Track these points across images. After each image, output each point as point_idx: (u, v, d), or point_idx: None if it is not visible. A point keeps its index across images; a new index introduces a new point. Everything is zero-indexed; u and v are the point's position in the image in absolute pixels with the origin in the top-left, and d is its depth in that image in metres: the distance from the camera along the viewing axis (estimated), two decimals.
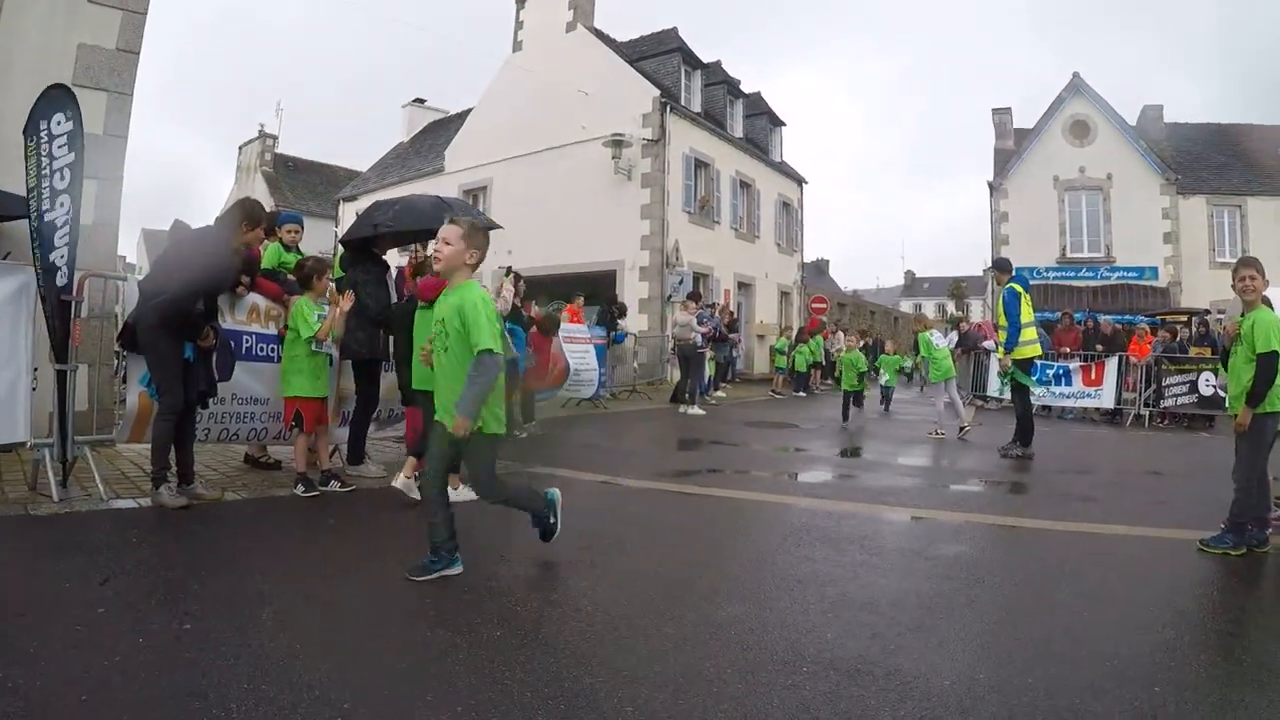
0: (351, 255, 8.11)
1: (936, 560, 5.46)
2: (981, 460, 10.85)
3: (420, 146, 39.65)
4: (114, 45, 9.21)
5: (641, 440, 12.20)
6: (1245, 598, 4.93)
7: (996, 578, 5.11)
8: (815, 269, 79.49)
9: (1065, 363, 18.68)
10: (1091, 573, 5.32)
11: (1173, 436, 15.29)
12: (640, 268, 26.31)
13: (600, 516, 6.74)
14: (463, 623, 3.91)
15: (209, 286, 6.31)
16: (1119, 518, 7.11)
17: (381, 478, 7.74)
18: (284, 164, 47.48)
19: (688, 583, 4.76)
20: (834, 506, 7.30)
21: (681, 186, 27.69)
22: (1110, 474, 10.23)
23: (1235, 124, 35.26)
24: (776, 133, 36.51)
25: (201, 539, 5.50)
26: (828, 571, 5.04)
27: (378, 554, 5.31)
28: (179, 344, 6.17)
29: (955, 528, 6.62)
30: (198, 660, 3.31)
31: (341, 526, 6.08)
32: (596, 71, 27.96)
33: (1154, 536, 6.44)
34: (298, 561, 4.98)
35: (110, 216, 9.15)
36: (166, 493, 6.12)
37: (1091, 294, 31.15)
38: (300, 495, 6.79)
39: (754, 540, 6.09)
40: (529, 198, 28.54)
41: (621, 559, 5.33)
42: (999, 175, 34.07)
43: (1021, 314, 11.03)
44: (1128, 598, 4.77)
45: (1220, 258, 30.80)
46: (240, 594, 4.19)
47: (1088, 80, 33.38)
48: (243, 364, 7.24)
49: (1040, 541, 6.33)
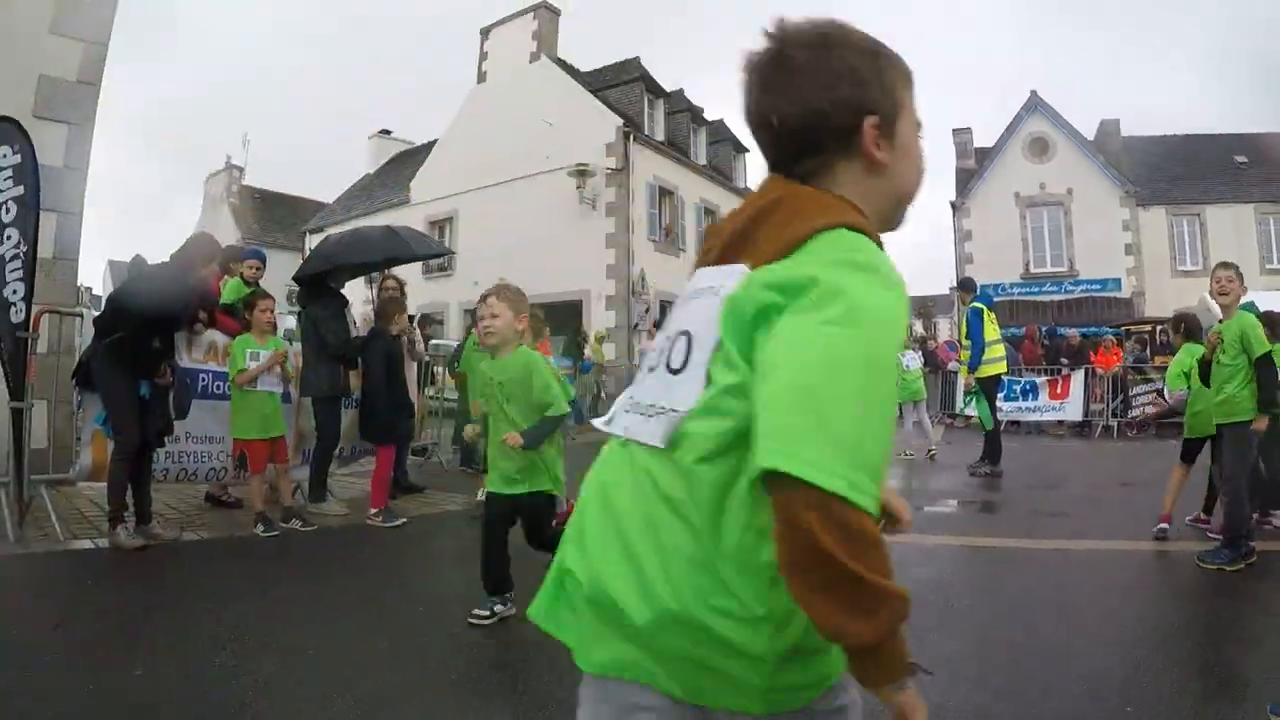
0: (307, 291, 8.07)
1: (907, 584, 5.47)
2: (951, 480, 10.88)
3: (386, 178, 39.49)
4: (74, 78, 9.08)
5: None
6: (1219, 611, 4.94)
7: (968, 600, 5.11)
8: None
9: (1032, 377, 18.83)
10: (1063, 591, 5.35)
11: (1142, 446, 15.37)
12: (606, 297, 26.28)
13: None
14: (418, 663, 3.89)
15: (165, 323, 6.27)
16: (1090, 533, 7.18)
17: (344, 516, 7.68)
18: (251, 196, 47.13)
19: None
20: None
21: (646, 215, 27.70)
22: (1080, 488, 10.29)
23: (1191, 134, 35.62)
24: (740, 159, 36.58)
25: (158, 581, 5.43)
26: None
27: (338, 595, 5.25)
28: (134, 382, 6.10)
29: (926, 551, 6.60)
30: (147, 708, 3.26)
31: (301, 567, 6.02)
32: (560, 101, 27.98)
33: (1125, 550, 6.50)
34: (255, 604, 4.90)
35: (70, 250, 9.00)
36: (123, 533, 6.02)
37: (1056, 308, 31.33)
38: (260, 535, 6.70)
39: None
40: (494, 228, 28.46)
41: None
42: (961, 194, 34.22)
43: (986, 332, 11.11)
44: (1100, 615, 4.80)
45: (1181, 266, 31.17)
46: (195, 638, 4.12)
47: (1045, 98, 33.76)
48: (200, 403, 7.17)
49: (1012, 561, 6.37)
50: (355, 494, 8.95)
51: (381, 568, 6.06)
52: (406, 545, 6.92)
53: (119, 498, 6.10)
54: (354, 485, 9.48)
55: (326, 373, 7.70)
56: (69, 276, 9.14)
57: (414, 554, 6.69)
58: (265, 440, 6.98)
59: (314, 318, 7.77)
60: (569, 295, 26.27)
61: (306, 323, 7.89)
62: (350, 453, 9.03)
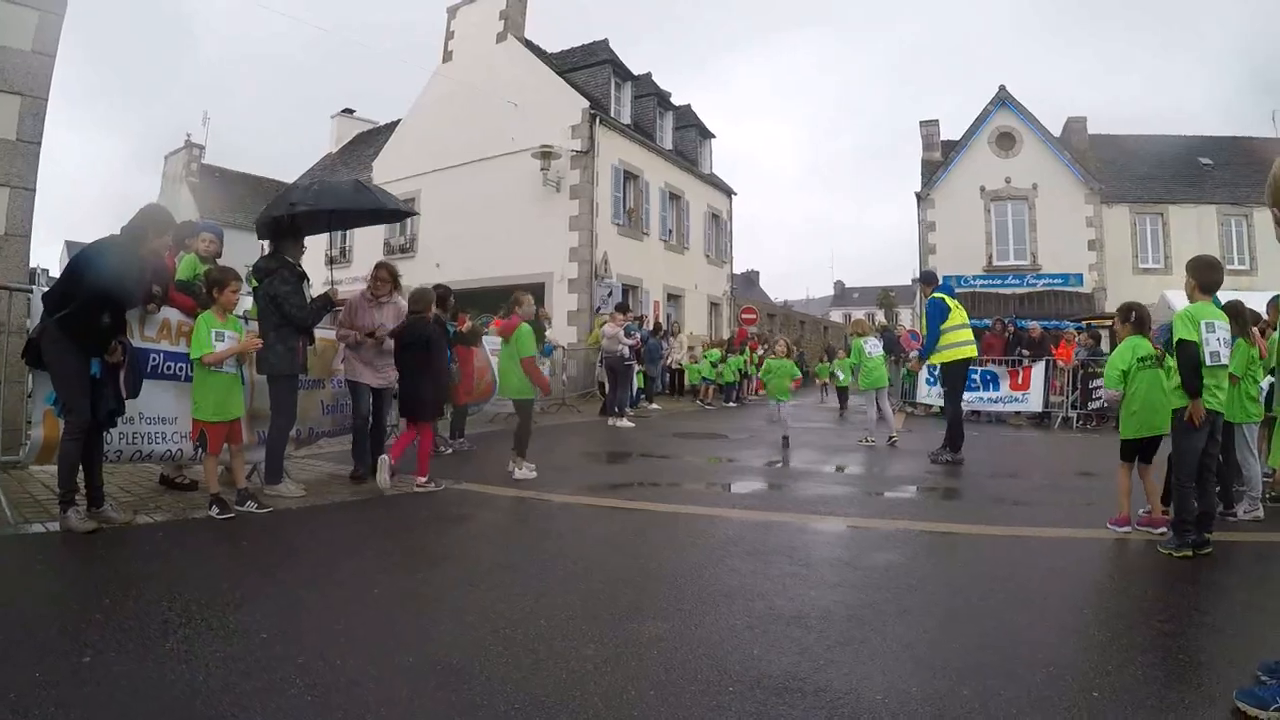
0: (265, 262, 7.91)
1: (867, 570, 5.41)
2: (912, 467, 10.87)
3: (349, 158, 39.21)
4: (29, 47, 8.79)
5: (570, 454, 11.97)
6: (1179, 596, 4.91)
7: (929, 586, 5.07)
8: (746, 280, 79.97)
9: (992, 367, 18.85)
10: (1024, 577, 5.32)
11: (1100, 438, 15.41)
12: (569, 280, 26.16)
13: (524, 534, 6.70)
14: (374, 647, 3.76)
15: (116, 298, 6.05)
16: (1050, 520, 7.17)
17: (301, 497, 7.53)
18: (210, 174, 46.57)
19: (611, 600, 4.64)
20: (762, 517, 7.23)
21: (610, 198, 27.61)
22: (1041, 477, 10.33)
23: (1157, 134, 36.16)
24: (706, 144, 36.65)
25: (109, 564, 5.25)
26: (754, 585, 4.94)
27: (289, 578, 5.12)
28: (85, 360, 5.89)
29: (886, 535, 6.58)
30: (95, 696, 3.14)
31: (254, 550, 5.85)
32: (526, 82, 27.84)
33: (1085, 538, 6.48)
34: (206, 587, 4.73)
35: (23, 226, 8.73)
36: (75, 516, 5.85)
37: (1018, 300, 31.74)
38: (215, 517, 6.53)
39: (680, 554, 5.94)
40: (457, 210, 28.36)
41: (544, 577, 5.16)
42: (926, 186, 34.58)
43: (952, 318, 11.20)
44: (1061, 601, 4.78)
45: (1143, 264, 31.94)
46: (146, 623, 3.98)
47: (1014, 93, 33.99)
48: (153, 382, 6.92)
49: (972, 547, 6.35)
50: (313, 475, 8.86)
51: (337, 550, 5.94)
52: (363, 527, 6.81)
53: (70, 479, 5.93)
54: (312, 467, 9.41)
55: (285, 351, 7.53)
56: (21, 254, 8.83)
57: (371, 535, 6.54)
58: (224, 422, 6.81)
59: (272, 294, 7.58)
60: (531, 277, 26.13)
61: (264, 300, 7.68)
62: (308, 434, 8.92)
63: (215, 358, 6.66)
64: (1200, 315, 5.83)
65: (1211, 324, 5.83)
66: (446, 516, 7.25)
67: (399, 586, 4.88)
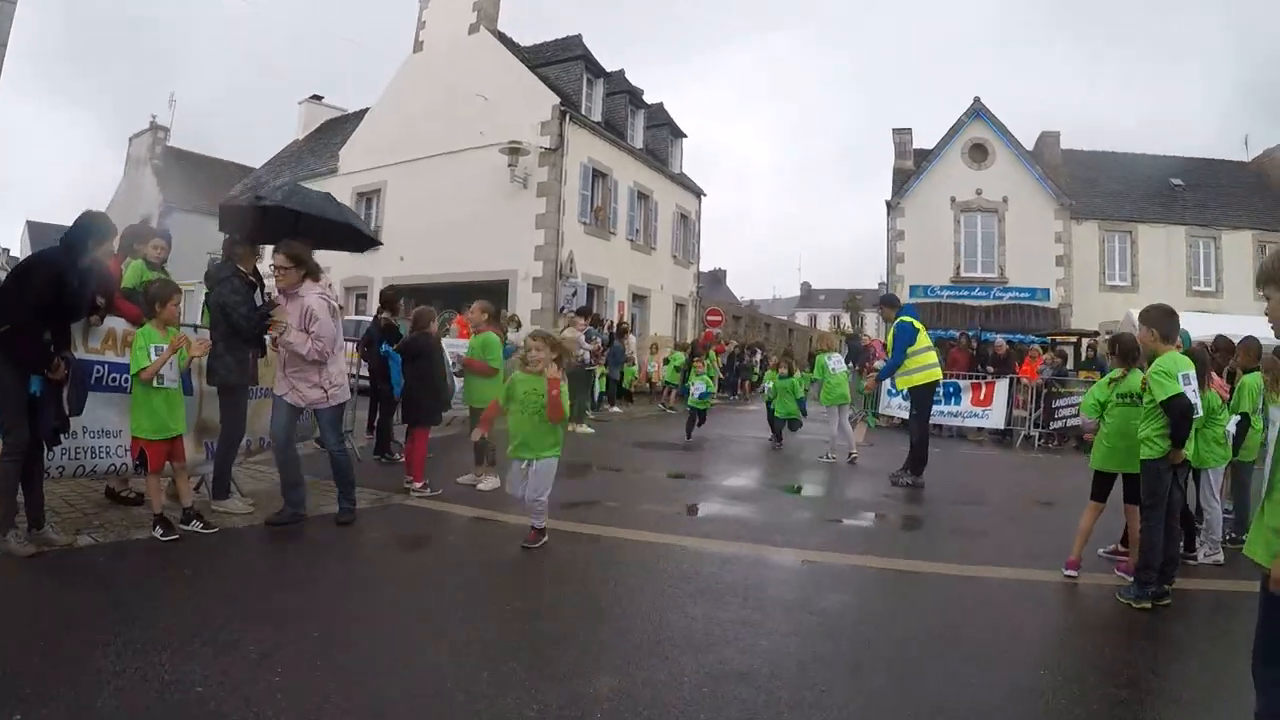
0: (216, 270, 7.65)
1: (820, 615, 5.31)
2: (872, 489, 10.76)
3: (315, 145, 38.71)
4: None
5: None
6: (1138, 654, 4.86)
7: (882, 636, 4.97)
8: (713, 278, 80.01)
9: (955, 380, 18.72)
10: (980, 628, 5.24)
11: (1061, 459, 15.42)
12: (533, 278, 25.92)
13: (475, 565, 6.51)
14: (309, 702, 3.61)
15: (56, 316, 5.84)
16: (1010, 557, 7.11)
17: (248, 514, 7.33)
18: (175, 157, 45.99)
19: (555, 646, 4.50)
20: (718, 548, 7.09)
21: (578, 196, 27.43)
22: (1001, 504, 10.29)
23: (1129, 153, 36.49)
24: (677, 144, 36.51)
25: (49, 594, 5.06)
26: (706, 632, 4.81)
27: (229, 614, 4.84)
28: (23, 378, 5.67)
29: (841, 573, 6.49)
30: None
31: (198, 576, 5.61)
32: (497, 76, 27.55)
33: (1044, 580, 6.41)
34: (145, 625, 4.50)
35: None
36: (14, 540, 5.65)
37: (984, 313, 31.83)
38: (159, 538, 6.29)
39: (634, 592, 5.78)
40: (423, 203, 28.13)
41: (493, 618, 5.01)
42: (897, 194, 34.69)
43: (919, 341, 11.13)
44: (1016, 657, 4.72)
45: (1110, 281, 32.22)
46: (81, 671, 3.80)
47: (990, 103, 34.05)
48: (98, 395, 6.65)
49: (928, 589, 6.21)
50: (261, 487, 8.65)
51: (278, 582, 5.76)
52: (307, 554, 6.58)
53: (9, 501, 5.74)
54: (263, 475, 9.17)
55: (235, 361, 7.29)
56: None
57: (314, 564, 6.31)
58: (165, 440, 6.56)
59: (220, 302, 7.34)
60: (495, 275, 25.97)
61: (213, 308, 7.46)
62: (259, 444, 8.69)
63: (150, 372, 6.35)
64: (1176, 367, 5.78)
65: (1187, 375, 5.79)
66: (397, 541, 7.08)
67: (339, 631, 4.66)
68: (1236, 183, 34.57)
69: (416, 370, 9.24)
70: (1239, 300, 30.16)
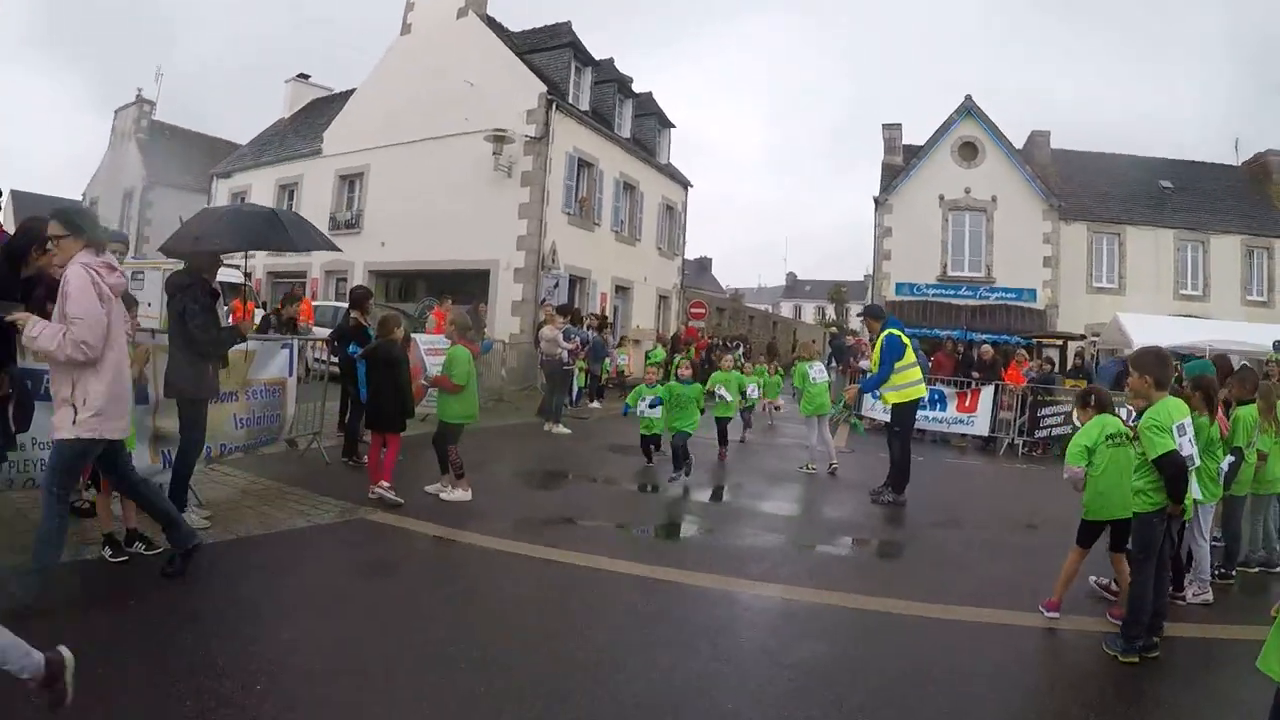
0: (177, 279, 7.24)
1: (793, 668, 5.04)
2: (852, 507, 10.55)
3: (300, 125, 38.19)
4: None
5: (500, 472, 11.32)
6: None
7: (858, 696, 4.67)
8: (698, 266, 79.89)
9: (940, 386, 18.52)
10: (961, 682, 5.00)
11: (1045, 469, 15.24)
12: (515, 269, 25.58)
13: (433, 599, 6.11)
14: None
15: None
16: (991, 595, 6.86)
17: (205, 528, 7.02)
18: (160, 132, 45.52)
19: (512, 705, 4.23)
20: (688, 579, 6.81)
21: (563, 186, 27.04)
22: (985, 527, 10.01)
23: (1118, 154, 36.42)
24: (665, 134, 36.11)
25: None
26: (671, 688, 4.58)
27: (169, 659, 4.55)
28: None
29: (816, 614, 6.27)
30: None
31: (141, 609, 5.34)
32: (484, 62, 27.14)
33: (1027, 626, 6.19)
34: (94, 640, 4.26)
35: None
36: None
37: (970, 313, 31.72)
38: (108, 559, 6.05)
39: (599, 635, 5.50)
40: (406, 189, 27.77)
41: (443, 670, 4.71)
42: (885, 190, 34.46)
43: (906, 356, 10.86)
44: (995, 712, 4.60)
45: (1098, 283, 32.15)
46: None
47: (981, 101, 33.88)
48: (43, 405, 6.23)
49: (907, 636, 5.95)
50: (224, 493, 8.45)
51: (223, 619, 5.36)
52: (258, 580, 6.23)
53: None
54: (229, 479, 9.00)
55: (193, 373, 6.97)
56: None
57: (264, 595, 5.95)
58: None
59: (181, 312, 6.98)
60: (477, 264, 25.69)
61: (173, 318, 7.12)
62: (219, 451, 8.45)
63: None
64: (1170, 419, 5.53)
65: (1182, 425, 5.57)
66: (354, 567, 6.76)
67: (281, 683, 4.36)
68: (1226, 186, 34.52)
69: (380, 378, 9.15)
70: (1226, 305, 30.12)
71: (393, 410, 9.07)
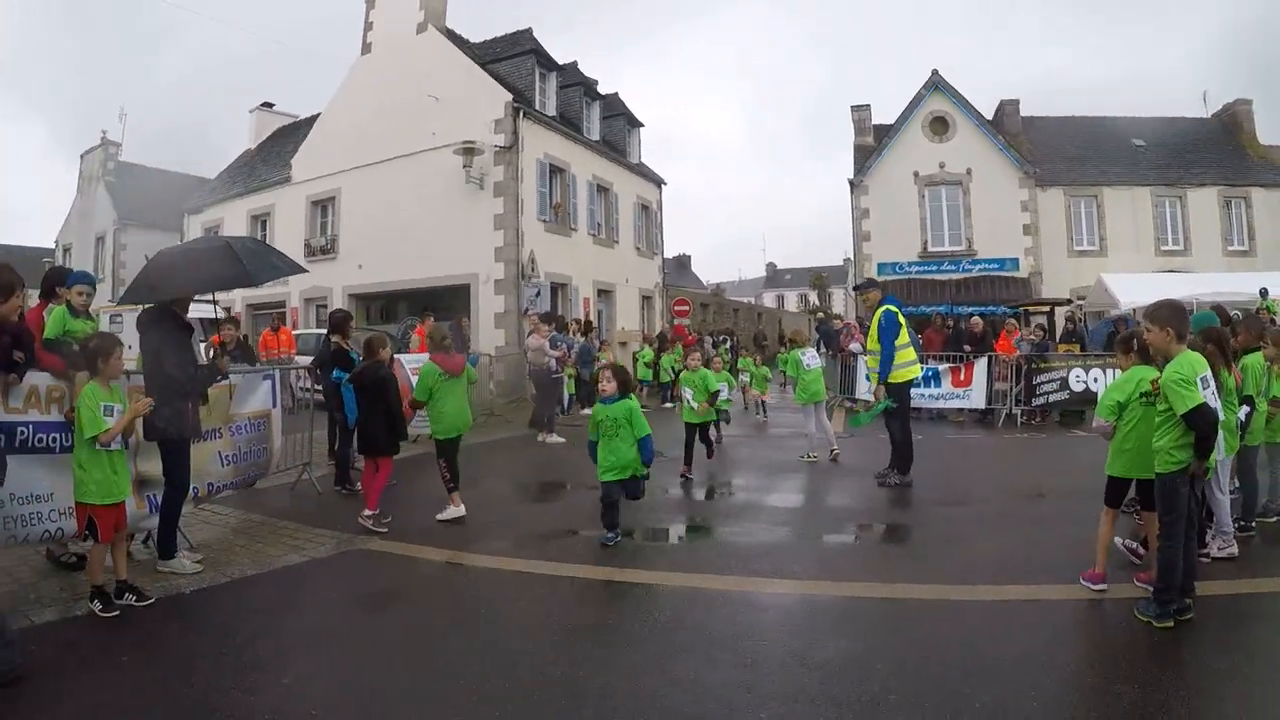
0: (149, 316, 7.05)
1: (822, 670, 4.82)
2: (859, 492, 10.39)
3: (268, 154, 37.83)
4: None
5: (497, 487, 11.15)
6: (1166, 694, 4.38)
7: (892, 696, 4.42)
8: (677, 264, 79.71)
9: (934, 364, 18.41)
10: (995, 672, 4.75)
11: (1045, 438, 15.17)
12: (495, 280, 25.25)
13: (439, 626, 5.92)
14: None
15: None
16: (1012, 569, 6.74)
17: (196, 574, 6.81)
18: (128, 172, 45.22)
19: None
20: (701, 583, 6.61)
21: (536, 194, 26.72)
22: (991, 500, 9.84)
23: (1090, 116, 36.44)
24: (635, 134, 35.86)
25: None
26: (696, 705, 4.35)
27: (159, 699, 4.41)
28: None
29: (837, 608, 6.11)
30: None
31: (137, 657, 5.17)
32: (448, 75, 26.84)
33: (1057, 600, 6.03)
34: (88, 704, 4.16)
35: None
36: None
37: (954, 287, 31.74)
38: (98, 614, 5.81)
39: (615, 652, 5.27)
40: (379, 209, 27.43)
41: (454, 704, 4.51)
42: (859, 172, 34.33)
43: (902, 335, 10.71)
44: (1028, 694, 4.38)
45: (1079, 247, 32.30)
46: None
47: (948, 75, 33.82)
48: (22, 458, 6.06)
49: (933, 622, 5.75)
50: (214, 533, 8.24)
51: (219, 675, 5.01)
52: (255, 623, 5.96)
53: None
54: (219, 518, 8.82)
55: (172, 414, 6.70)
56: None
57: (259, 642, 5.63)
58: (115, 504, 6.06)
59: (155, 350, 6.79)
60: (456, 279, 25.44)
61: (148, 357, 6.89)
62: (207, 490, 8.19)
63: (111, 435, 5.91)
64: (1193, 371, 5.35)
65: (1205, 378, 5.40)
66: (354, 600, 6.53)
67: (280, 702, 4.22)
68: (1198, 139, 34.47)
69: (369, 401, 9.01)
70: (1208, 258, 30.10)
71: (383, 434, 8.91)
